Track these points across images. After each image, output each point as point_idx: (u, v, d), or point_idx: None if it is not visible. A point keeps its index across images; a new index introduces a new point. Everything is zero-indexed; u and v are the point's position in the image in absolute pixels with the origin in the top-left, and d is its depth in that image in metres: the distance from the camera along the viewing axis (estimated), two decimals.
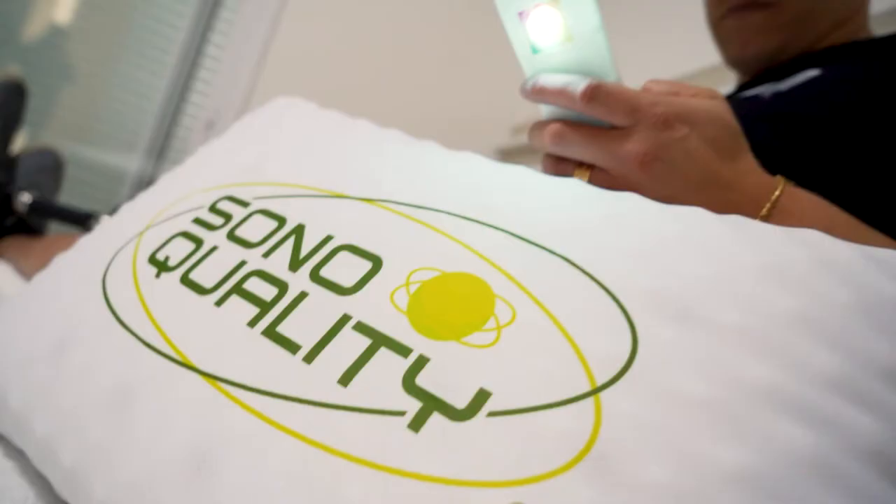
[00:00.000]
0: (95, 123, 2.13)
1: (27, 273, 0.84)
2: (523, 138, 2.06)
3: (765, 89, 0.54)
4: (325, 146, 0.42)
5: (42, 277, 0.44)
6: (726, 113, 0.38)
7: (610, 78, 0.38)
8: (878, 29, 0.65)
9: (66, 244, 0.83)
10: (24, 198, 0.97)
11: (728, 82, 0.73)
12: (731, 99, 0.58)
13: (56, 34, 2.12)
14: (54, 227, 1.10)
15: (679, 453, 0.22)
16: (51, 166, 1.09)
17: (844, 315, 0.26)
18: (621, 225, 0.31)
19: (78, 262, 0.42)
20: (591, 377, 0.24)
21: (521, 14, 0.37)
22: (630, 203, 0.32)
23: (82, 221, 0.93)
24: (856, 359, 0.25)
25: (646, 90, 0.39)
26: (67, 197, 1.29)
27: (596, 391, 0.24)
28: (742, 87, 0.66)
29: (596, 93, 0.36)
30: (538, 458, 0.23)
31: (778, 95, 0.50)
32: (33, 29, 2.10)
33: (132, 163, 2.18)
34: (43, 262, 0.81)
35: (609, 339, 0.25)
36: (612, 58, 0.37)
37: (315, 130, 0.45)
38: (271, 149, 0.44)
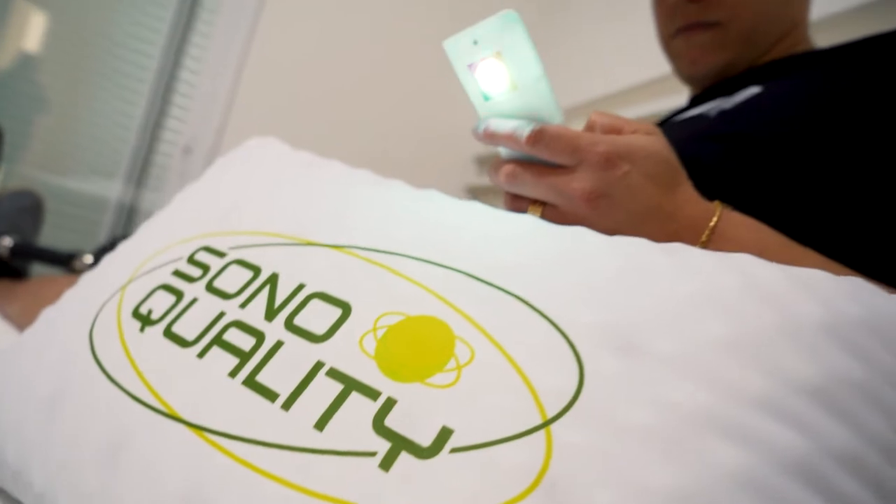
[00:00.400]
0: (72, 153, 2.14)
1: (13, 317, 0.85)
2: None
3: (712, 106, 0.57)
4: (296, 192, 0.45)
5: (31, 332, 0.45)
6: (664, 148, 0.40)
7: (555, 120, 0.40)
8: (819, 34, 0.68)
9: (52, 287, 0.84)
10: (6, 241, 0.98)
11: None
12: (677, 119, 0.61)
13: (26, 64, 2.12)
14: (37, 269, 1.12)
15: (622, 479, 0.25)
16: (30, 207, 1.10)
17: (770, 337, 0.28)
18: (570, 261, 0.33)
19: (65, 316, 0.44)
20: (542, 410, 0.27)
21: (470, 66, 0.40)
22: (578, 239, 0.35)
23: (65, 262, 0.95)
24: (780, 378, 0.27)
25: (590, 125, 0.42)
26: (49, 229, 1.30)
27: (546, 424, 0.26)
28: (694, 100, 0.69)
29: (540, 136, 0.38)
30: (496, 489, 0.25)
31: (723, 114, 0.53)
32: (2, 59, 2.10)
33: (112, 191, 2.18)
34: (29, 307, 0.83)
35: (558, 373, 0.28)
36: (556, 102, 0.40)
37: (286, 176, 0.48)
38: (245, 196, 0.46)
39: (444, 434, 0.27)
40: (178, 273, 0.41)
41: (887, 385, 0.29)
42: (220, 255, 0.41)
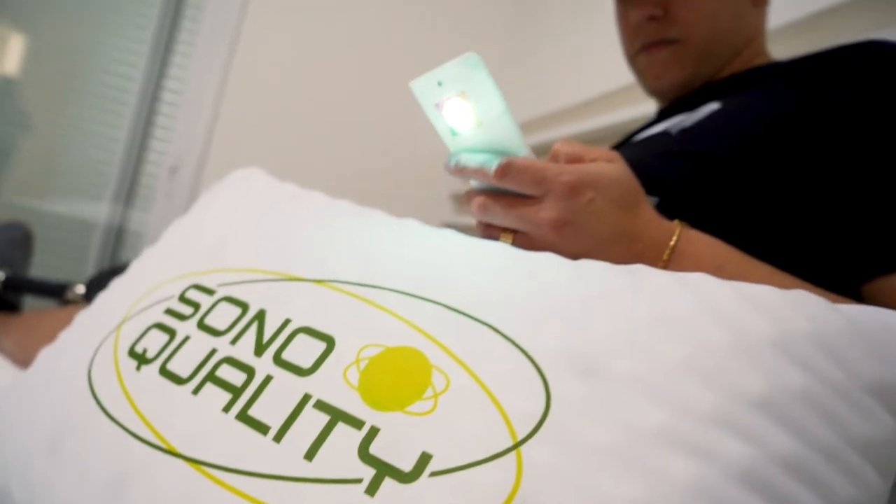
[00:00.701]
0: (58, 176, 2.14)
1: (8, 351, 0.86)
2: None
3: (675, 122, 0.60)
4: (279, 227, 0.47)
5: (31, 372, 0.47)
6: (625, 173, 0.43)
7: (520, 153, 0.43)
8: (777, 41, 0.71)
9: (46, 321, 0.86)
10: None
11: None
12: (642, 136, 0.64)
13: (6, 86, 2.13)
14: (28, 300, 1.13)
15: (586, 495, 0.27)
16: (19, 240, 1.11)
17: (721, 355, 0.31)
18: (537, 289, 0.36)
19: (64, 356, 0.46)
20: (512, 433, 0.29)
21: (437, 105, 0.42)
22: (545, 265, 0.37)
23: (58, 293, 0.96)
24: (730, 394, 0.30)
25: (554, 154, 0.44)
26: (37, 254, 1.30)
27: (517, 445, 0.29)
28: (662, 113, 0.72)
29: (507, 170, 0.41)
30: None
31: (683, 132, 0.56)
32: None
33: (100, 213, 2.18)
34: (24, 340, 0.84)
35: (527, 397, 0.30)
36: (520, 135, 0.42)
37: (269, 210, 0.50)
38: (231, 232, 0.48)
39: (424, 459, 0.29)
40: (170, 311, 0.43)
41: (832, 393, 0.32)
42: (210, 292, 0.43)
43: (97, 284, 0.97)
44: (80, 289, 0.97)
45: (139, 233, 2.19)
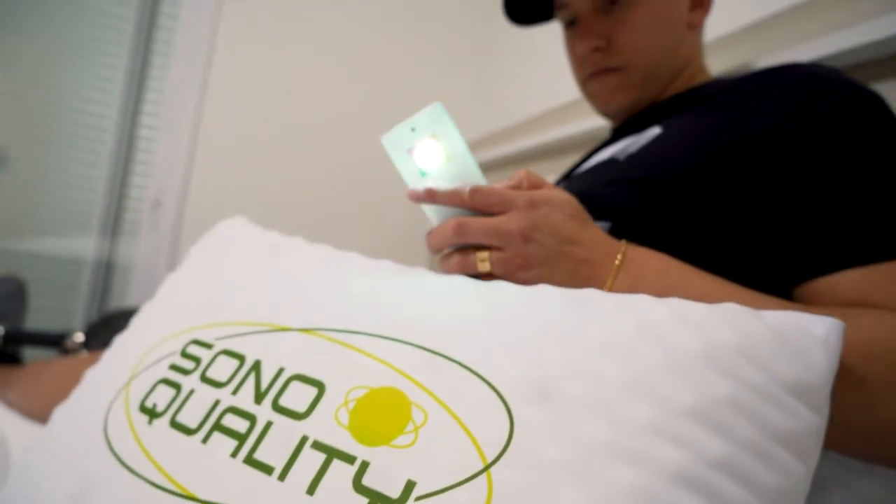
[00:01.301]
0: (40, 216, 2.16)
1: (15, 404, 0.90)
2: None
3: (623, 147, 0.65)
4: (266, 280, 0.52)
5: (49, 432, 0.51)
6: (572, 198, 0.49)
7: (481, 182, 0.49)
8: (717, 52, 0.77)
9: (50, 372, 0.89)
10: None
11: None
12: (593, 162, 0.69)
13: None
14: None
15: None
16: (14, 292, 1.15)
17: (656, 372, 0.36)
18: (498, 321, 0.41)
19: (79, 415, 0.50)
20: (483, 457, 0.34)
21: (409, 150, 0.48)
22: (504, 298, 0.43)
23: (57, 343, 1.00)
24: (665, 406, 0.35)
25: (518, 179, 0.49)
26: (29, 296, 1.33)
27: (487, 468, 0.34)
28: (615, 132, 0.77)
29: (477, 192, 0.47)
30: None
31: (630, 158, 0.61)
32: None
33: (87, 250, 2.20)
34: (30, 393, 0.88)
35: (493, 425, 0.35)
36: (479, 168, 0.49)
37: (256, 263, 0.54)
38: (222, 287, 0.53)
39: (409, 486, 0.34)
40: (174, 367, 0.47)
41: (756, 396, 0.37)
42: (208, 346, 0.47)
43: (95, 332, 1.01)
44: (79, 337, 1.01)
45: (127, 268, 2.21)
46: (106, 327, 0.98)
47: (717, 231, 0.55)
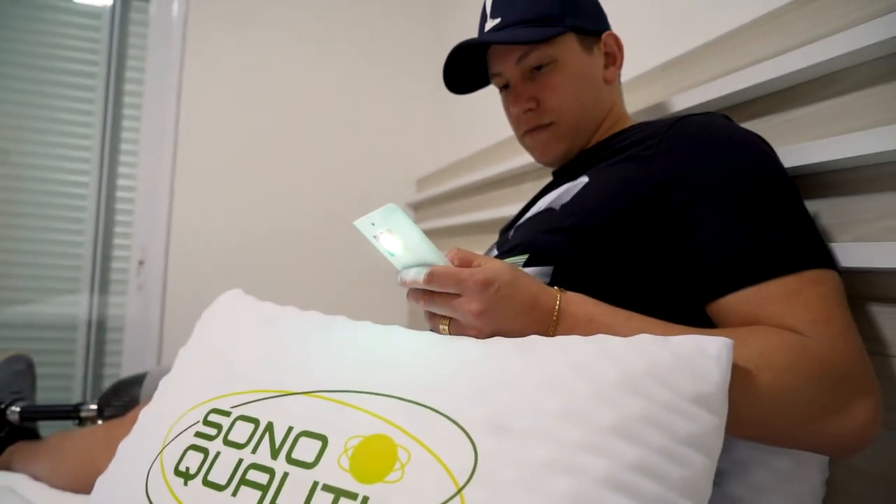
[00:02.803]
0: (29, 286, 2.21)
1: (43, 476, 0.98)
2: (426, 193, 2.27)
3: (559, 195, 0.75)
4: (268, 349, 0.61)
5: (95, 500, 0.60)
6: (511, 266, 0.59)
7: (439, 262, 0.58)
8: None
9: (71, 443, 0.98)
10: (14, 409, 1.10)
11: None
12: (533, 212, 0.80)
13: None
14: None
15: None
16: (24, 370, 1.22)
17: (584, 400, 0.47)
18: (462, 371, 0.51)
19: (121, 483, 0.59)
20: (455, 483, 0.44)
21: (375, 237, 0.58)
22: (466, 351, 0.53)
23: (72, 415, 1.08)
24: (591, 426, 0.45)
25: (451, 257, 0.59)
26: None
27: (459, 491, 0.44)
28: (556, 174, 0.88)
29: (431, 278, 0.56)
30: None
31: (563, 207, 0.72)
32: None
33: (79, 309, 2.25)
34: (56, 465, 0.96)
35: (461, 456, 0.45)
36: (435, 249, 0.57)
37: (257, 335, 0.64)
38: (232, 360, 0.62)
39: None
40: (199, 434, 0.57)
41: (663, 409, 0.47)
42: (227, 414, 0.57)
43: (107, 400, 1.10)
44: (93, 407, 1.09)
45: (119, 328, 2.28)
46: (117, 395, 1.07)
47: (637, 266, 0.65)
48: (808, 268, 0.59)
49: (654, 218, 0.65)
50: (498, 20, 0.80)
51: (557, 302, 0.59)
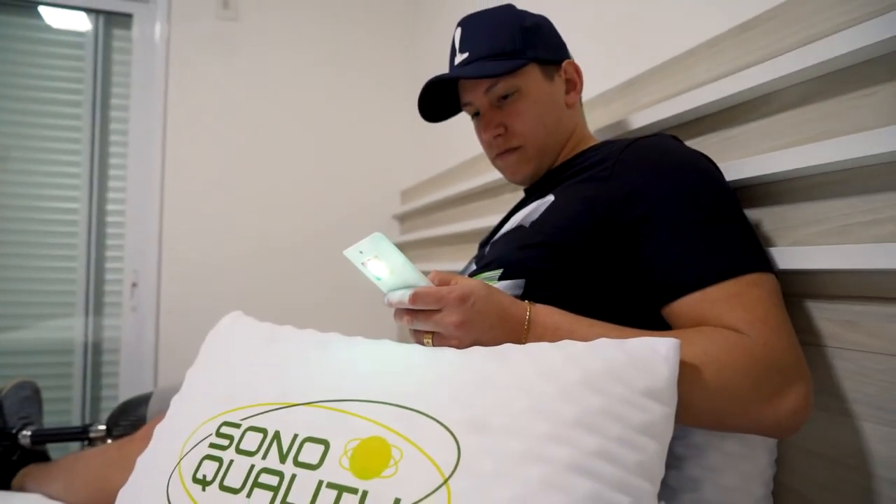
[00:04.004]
0: (25, 309, 2.25)
1: (58, 495, 1.03)
2: (410, 205, 2.34)
3: (528, 212, 0.83)
4: (271, 367, 0.68)
5: (122, 502, 0.67)
6: (485, 284, 0.66)
7: (421, 283, 0.65)
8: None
9: (83, 463, 1.04)
10: (26, 433, 1.16)
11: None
12: (506, 228, 0.87)
13: None
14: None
15: (487, 499, 0.49)
16: (31, 396, 1.28)
17: (550, 399, 0.54)
18: (444, 378, 0.58)
19: (142, 493, 0.66)
20: (442, 474, 0.51)
21: (363, 263, 0.65)
22: (447, 361, 0.60)
23: (83, 436, 1.14)
24: (555, 420, 0.53)
25: (431, 278, 0.66)
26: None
27: (445, 481, 0.51)
28: (528, 191, 0.96)
29: (415, 298, 0.64)
30: None
31: (533, 225, 0.80)
32: None
33: (75, 333, 2.29)
34: (71, 484, 1.02)
35: (446, 451, 0.52)
36: (419, 272, 0.65)
37: (260, 353, 0.71)
38: (238, 378, 0.69)
39: (397, 501, 0.51)
40: (213, 445, 0.63)
41: (619, 403, 0.55)
42: (237, 426, 0.64)
43: (115, 420, 1.15)
44: (101, 427, 1.15)
45: (115, 349, 2.33)
46: (125, 414, 1.13)
47: (599, 277, 0.73)
48: (746, 272, 0.66)
49: (611, 233, 0.73)
50: (466, 54, 0.88)
51: (528, 313, 0.66)
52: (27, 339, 2.22)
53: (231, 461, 0.61)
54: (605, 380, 0.56)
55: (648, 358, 0.58)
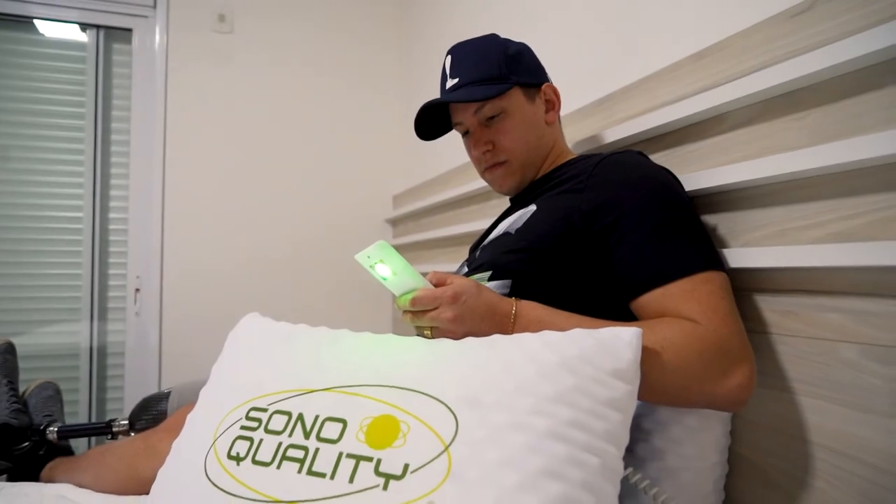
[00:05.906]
0: (33, 317, 2.33)
1: (89, 485, 1.12)
2: (402, 209, 2.45)
3: (514, 220, 0.94)
4: (291, 360, 0.78)
5: (162, 479, 0.77)
6: (476, 283, 0.77)
7: (420, 285, 0.76)
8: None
9: (111, 454, 1.13)
10: (53, 429, 1.25)
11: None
12: (493, 236, 0.98)
13: None
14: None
15: (483, 462, 0.60)
16: (53, 395, 1.37)
17: (532, 379, 0.65)
18: (443, 364, 0.69)
19: (181, 470, 0.75)
20: (443, 442, 0.62)
21: (371, 266, 0.76)
22: (445, 349, 0.71)
23: (107, 430, 1.23)
24: (536, 396, 0.63)
25: (429, 279, 0.77)
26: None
27: (446, 448, 0.61)
28: (513, 200, 1.07)
29: (414, 302, 0.74)
30: (431, 483, 0.59)
31: (518, 232, 0.90)
32: None
33: (81, 338, 2.37)
34: (101, 473, 1.12)
35: (446, 423, 0.63)
36: (419, 275, 0.75)
37: (278, 349, 0.81)
38: (261, 370, 0.79)
39: (406, 466, 0.61)
40: (244, 427, 0.74)
41: (590, 382, 0.66)
42: (264, 410, 0.74)
43: (137, 415, 1.25)
44: (124, 421, 1.24)
45: (119, 353, 2.41)
46: (146, 410, 1.22)
47: (575, 277, 0.84)
48: (700, 271, 0.78)
49: (585, 239, 0.84)
50: (457, 80, 0.99)
51: (514, 308, 0.77)
52: (36, 344, 2.30)
53: (261, 440, 0.71)
54: (578, 362, 0.67)
55: (615, 344, 0.69)
